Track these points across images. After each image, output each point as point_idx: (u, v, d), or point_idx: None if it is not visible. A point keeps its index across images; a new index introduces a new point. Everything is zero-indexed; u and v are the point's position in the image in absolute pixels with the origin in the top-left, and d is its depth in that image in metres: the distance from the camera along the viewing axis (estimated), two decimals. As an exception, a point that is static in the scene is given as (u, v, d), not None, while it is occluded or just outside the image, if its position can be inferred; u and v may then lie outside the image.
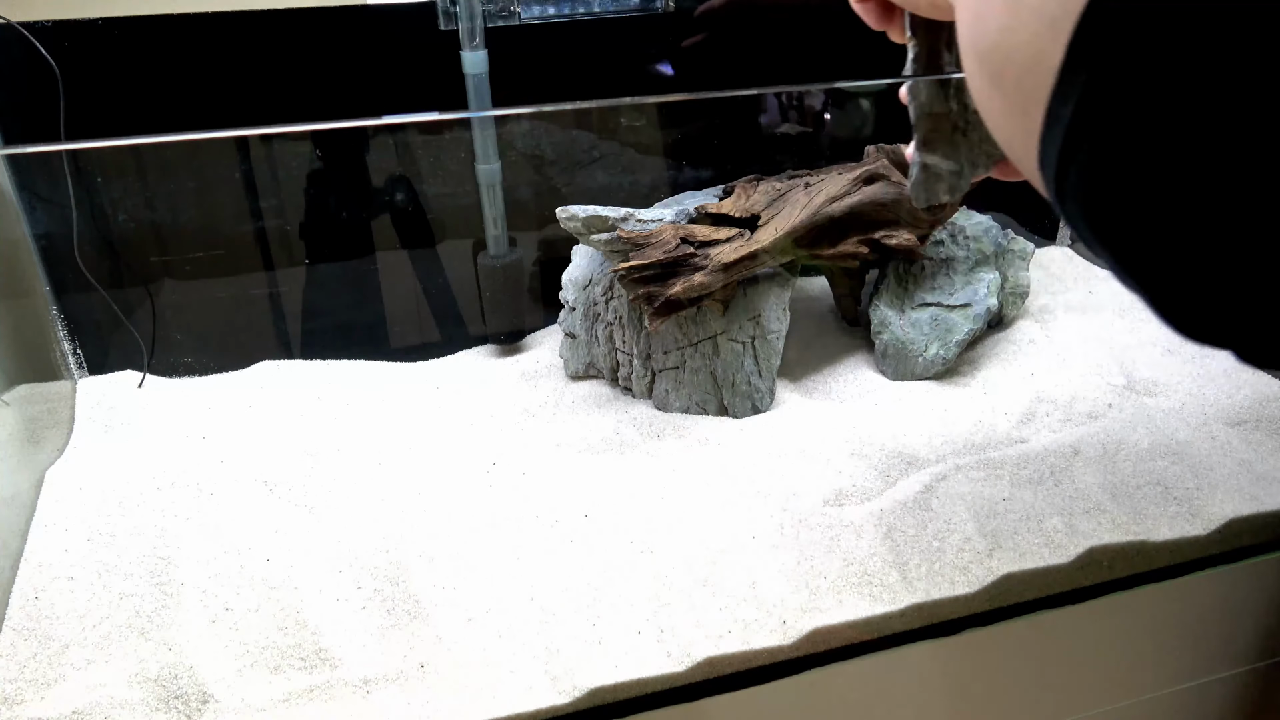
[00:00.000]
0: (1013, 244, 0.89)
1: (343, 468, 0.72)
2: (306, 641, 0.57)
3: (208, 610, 0.59)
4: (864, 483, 0.69)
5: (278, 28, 0.79)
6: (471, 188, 0.85)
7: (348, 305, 0.95)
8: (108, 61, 0.76)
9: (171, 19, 0.75)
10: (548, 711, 0.54)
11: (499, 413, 0.80)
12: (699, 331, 0.78)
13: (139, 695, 0.54)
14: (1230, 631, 0.72)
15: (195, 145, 0.83)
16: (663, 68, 0.92)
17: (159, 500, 0.66)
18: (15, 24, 0.70)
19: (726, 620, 0.58)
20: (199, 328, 0.89)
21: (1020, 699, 0.68)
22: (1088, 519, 0.66)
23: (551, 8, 0.81)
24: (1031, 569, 0.62)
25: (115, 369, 0.84)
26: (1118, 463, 0.71)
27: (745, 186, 0.80)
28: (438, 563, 0.63)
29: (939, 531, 0.65)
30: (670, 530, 0.65)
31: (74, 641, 0.57)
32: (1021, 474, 0.70)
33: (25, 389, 0.72)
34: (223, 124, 0.78)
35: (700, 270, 0.73)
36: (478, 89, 0.79)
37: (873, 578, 0.61)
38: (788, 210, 0.76)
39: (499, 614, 0.59)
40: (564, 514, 0.67)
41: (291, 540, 0.64)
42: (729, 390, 0.78)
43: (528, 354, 0.90)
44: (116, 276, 0.85)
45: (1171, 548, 0.66)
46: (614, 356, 0.83)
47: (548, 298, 0.90)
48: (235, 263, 0.89)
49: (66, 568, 0.61)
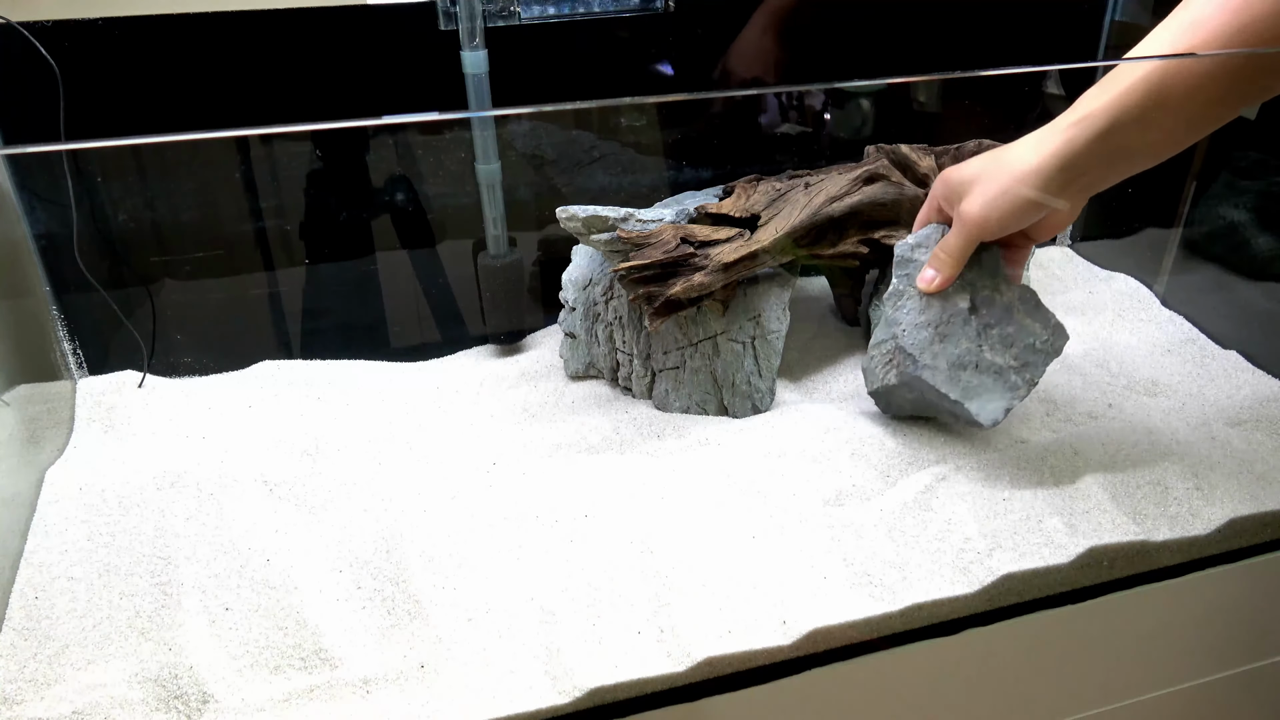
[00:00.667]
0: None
1: (343, 468, 0.72)
2: (306, 641, 0.57)
3: (208, 610, 0.59)
4: (864, 483, 0.69)
5: (278, 28, 0.79)
6: (471, 188, 0.85)
7: (348, 305, 0.95)
8: (108, 61, 0.76)
9: (171, 19, 0.75)
10: (548, 711, 0.54)
11: (499, 413, 0.80)
12: (699, 331, 0.78)
13: (139, 695, 0.54)
14: (1230, 631, 0.72)
15: (195, 145, 0.83)
16: (663, 68, 0.92)
17: (159, 500, 0.66)
18: (15, 24, 0.70)
19: (726, 620, 0.58)
20: (199, 328, 0.89)
21: (1020, 699, 0.68)
22: (1088, 519, 0.66)
23: (551, 8, 0.81)
24: (1031, 569, 0.62)
25: (115, 369, 0.84)
26: (1118, 463, 0.71)
27: (745, 186, 0.80)
28: (438, 563, 0.63)
29: (939, 531, 0.65)
30: (670, 530, 0.65)
31: (74, 641, 0.57)
32: (1022, 474, 0.70)
33: (25, 389, 0.72)
34: (223, 124, 0.78)
35: (700, 270, 0.73)
36: (478, 89, 0.79)
37: (873, 578, 0.61)
38: (788, 210, 0.76)
39: (499, 614, 0.59)
40: (564, 514, 0.67)
41: (291, 540, 0.64)
42: (729, 390, 0.78)
43: (528, 354, 0.90)
44: (116, 276, 0.85)
45: (1171, 548, 0.66)
46: (614, 356, 0.83)
47: (548, 298, 0.90)
48: (235, 263, 0.89)
49: (66, 568, 0.61)
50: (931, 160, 0.79)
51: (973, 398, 0.68)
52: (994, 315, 0.67)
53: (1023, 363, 0.67)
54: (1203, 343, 0.87)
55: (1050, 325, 0.67)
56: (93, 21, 0.73)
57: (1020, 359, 0.67)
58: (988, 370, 0.67)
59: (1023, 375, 0.67)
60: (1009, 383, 0.67)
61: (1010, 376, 0.67)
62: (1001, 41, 0.98)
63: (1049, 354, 0.67)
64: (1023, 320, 0.67)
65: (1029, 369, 0.67)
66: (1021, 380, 0.67)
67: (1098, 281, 0.99)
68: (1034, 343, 0.67)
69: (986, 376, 0.67)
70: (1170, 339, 0.88)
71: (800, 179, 0.80)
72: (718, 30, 0.92)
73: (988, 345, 0.67)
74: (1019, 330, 0.67)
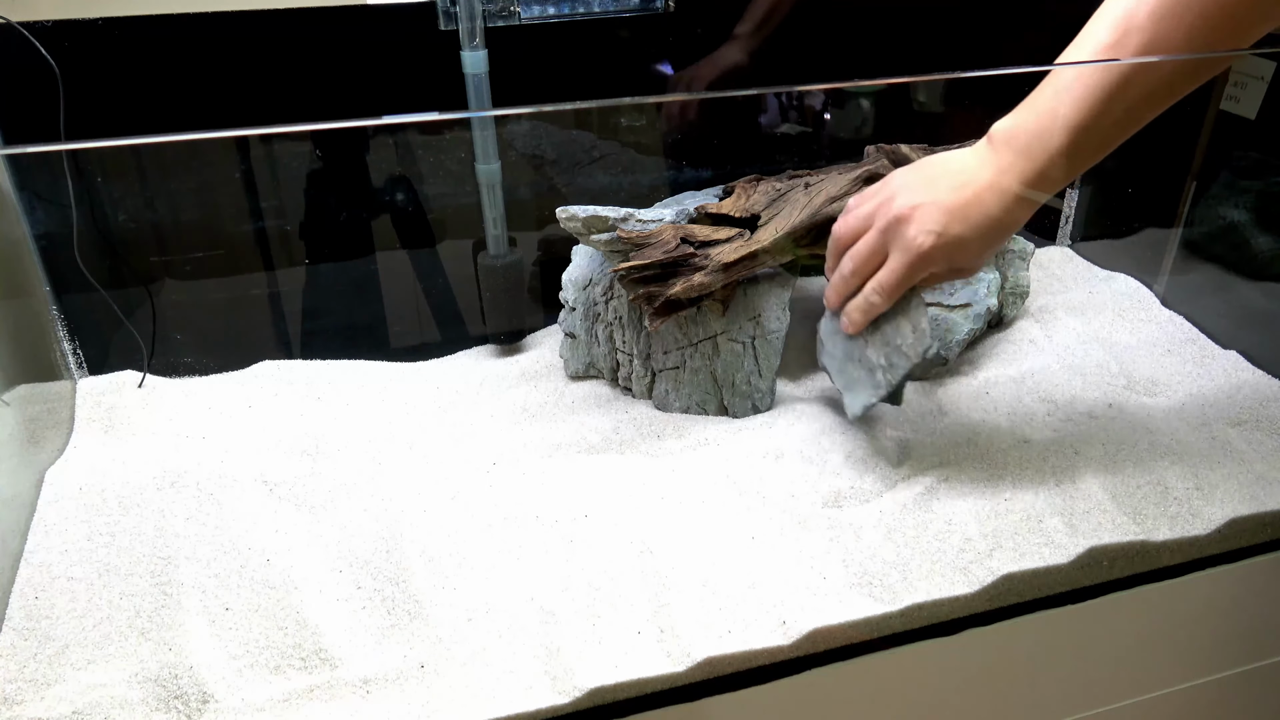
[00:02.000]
0: (1013, 244, 0.89)
1: (343, 468, 0.72)
2: (306, 641, 0.57)
3: (208, 610, 0.59)
4: (864, 483, 0.69)
5: (278, 28, 0.79)
6: (471, 188, 0.85)
7: (348, 305, 0.95)
8: (108, 61, 0.76)
9: (171, 19, 0.75)
10: (548, 711, 0.54)
11: (499, 413, 0.80)
12: (699, 331, 0.78)
13: (139, 695, 0.54)
14: (1230, 631, 0.72)
15: (195, 145, 0.83)
16: (663, 68, 0.92)
17: (159, 500, 0.66)
18: (15, 24, 0.70)
19: (726, 620, 0.58)
20: (199, 328, 0.89)
21: (1020, 699, 0.68)
22: (1088, 519, 0.66)
23: (551, 8, 0.81)
24: (1031, 569, 0.62)
25: (115, 369, 0.83)
26: (1118, 463, 0.71)
27: (745, 186, 0.80)
28: (438, 563, 0.63)
29: (939, 532, 0.65)
30: (670, 530, 0.65)
31: (74, 641, 0.57)
32: (1022, 474, 0.70)
33: (25, 389, 0.72)
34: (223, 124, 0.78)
35: (700, 270, 0.73)
36: (478, 89, 0.79)
37: (873, 578, 0.61)
38: (788, 210, 0.76)
39: (499, 614, 0.59)
40: (564, 514, 0.67)
41: (291, 540, 0.64)
42: (729, 390, 0.78)
43: (528, 354, 0.90)
44: (116, 276, 0.85)
45: (1171, 548, 0.66)
46: (614, 356, 0.83)
47: (548, 298, 0.90)
48: (235, 263, 0.89)
49: (66, 568, 0.61)
50: (931, 160, 0.79)
51: (850, 390, 0.70)
52: (885, 313, 0.67)
53: (889, 363, 0.67)
54: (1203, 343, 0.87)
55: (917, 329, 0.65)
56: (93, 21, 0.73)
57: (888, 359, 0.67)
58: (864, 365, 0.68)
59: (886, 375, 0.67)
60: (874, 381, 0.68)
61: (877, 375, 0.67)
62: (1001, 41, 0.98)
63: (909, 358, 0.65)
64: (900, 321, 0.66)
65: (892, 370, 0.66)
66: (883, 380, 0.67)
67: (1098, 281, 0.99)
68: (900, 344, 0.66)
69: (863, 371, 0.68)
70: (1170, 339, 0.88)
71: (800, 179, 0.80)
72: (718, 30, 0.92)
73: (872, 342, 0.67)
74: (894, 330, 0.66)
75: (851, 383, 0.70)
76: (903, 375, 0.66)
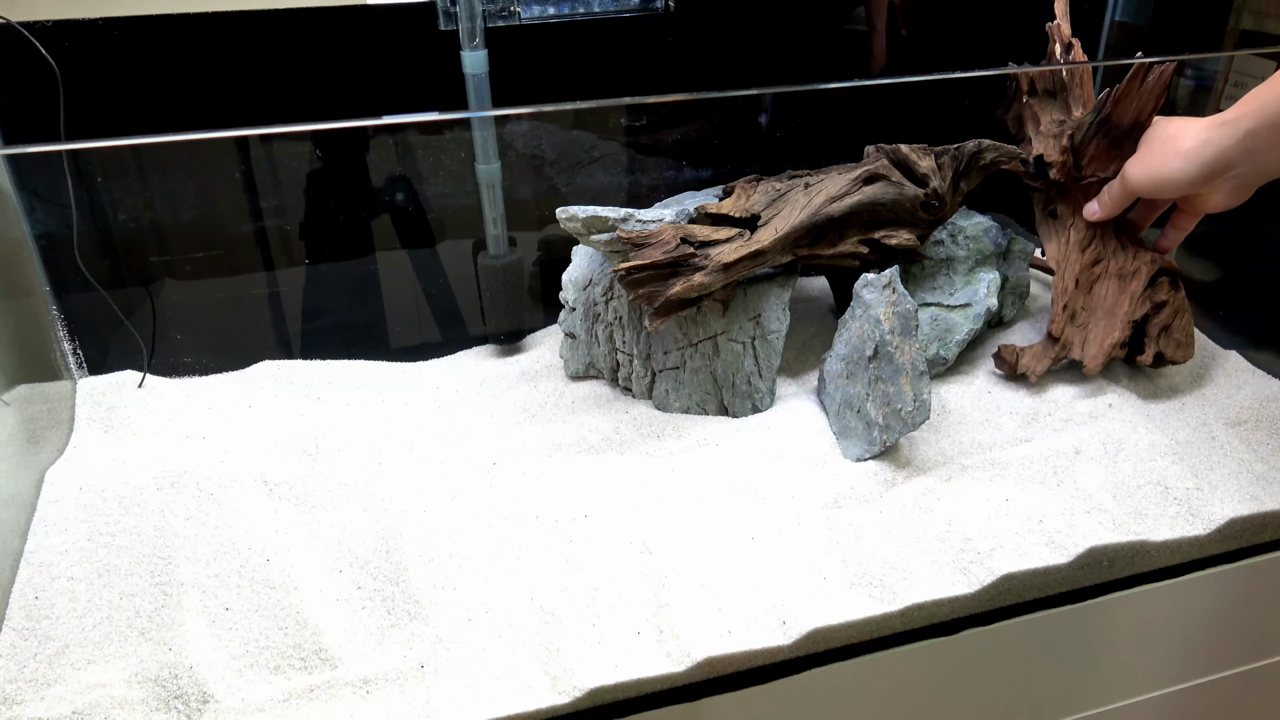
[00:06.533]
0: (1013, 244, 0.89)
1: (343, 468, 0.72)
2: (306, 641, 0.57)
3: (208, 610, 0.59)
4: (864, 483, 0.69)
5: (278, 28, 0.79)
6: (471, 188, 0.85)
7: (348, 305, 0.95)
8: (108, 61, 0.76)
9: (171, 19, 0.75)
10: (547, 711, 0.54)
11: (499, 413, 0.80)
12: (699, 331, 0.78)
13: (139, 695, 0.54)
14: (1230, 631, 0.72)
15: (195, 145, 0.83)
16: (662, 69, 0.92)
17: (159, 500, 0.66)
18: (15, 24, 0.70)
19: (726, 620, 0.58)
20: (199, 328, 0.89)
21: (1020, 699, 0.68)
22: (1088, 519, 0.66)
23: (551, 8, 0.81)
24: (1031, 569, 0.62)
25: (115, 369, 0.84)
26: (1118, 463, 0.71)
27: (745, 186, 0.80)
28: (437, 563, 0.63)
29: (939, 532, 0.65)
30: (670, 530, 0.65)
31: (74, 641, 0.57)
32: (1022, 474, 0.70)
33: (25, 389, 0.72)
34: (223, 124, 0.78)
35: (700, 270, 0.73)
36: (478, 89, 0.79)
37: (872, 578, 0.61)
38: (788, 210, 0.76)
39: (499, 614, 0.59)
40: (564, 514, 0.67)
41: (291, 540, 0.64)
42: (729, 390, 0.78)
43: (528, 354, 0.90)
44: (116, 276, 0.85)
45: (1171, 548, 0.66)
46: (614, 357, 0.83)
47: (548, 298, 0.91)
48: (235, 263, 0.89)
49: (66, 568, 0.61)
50: (931, 160, 0.79)
51: (844, 436, 0.73)
52: (885, 371, 0.69)
53: (887, 424, 0.69)
54: (1203, 343, 0.87)
55: (919, 400, 0.68)
56: (93, 21, 0.73)
57: (887, 420, 0.69)
58: (863, 419, 0.71)
59: (883, 434, 0.69)
60: (870, 437, 0.70)
61: (874, 432, 0.70)
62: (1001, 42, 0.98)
63: (908, 426, 0.68)
64: (904, 386, 0.68)
65: (889, 431, 0.69)
66: (879, 439, 0.70)
67: (1098, 281, 0.99)
68: (900, 409, 0.68)
69: (860, 423, 0.71)
70: (1170, 339, 0.88)
71: (800, 179, 0.79)
72: (718, 30, 0.92)
73: (872, 397, 0.70)
74: (897, 393, 0.68)
75: (847, 430, 0.73)
76: (898, 438, 0.69)
